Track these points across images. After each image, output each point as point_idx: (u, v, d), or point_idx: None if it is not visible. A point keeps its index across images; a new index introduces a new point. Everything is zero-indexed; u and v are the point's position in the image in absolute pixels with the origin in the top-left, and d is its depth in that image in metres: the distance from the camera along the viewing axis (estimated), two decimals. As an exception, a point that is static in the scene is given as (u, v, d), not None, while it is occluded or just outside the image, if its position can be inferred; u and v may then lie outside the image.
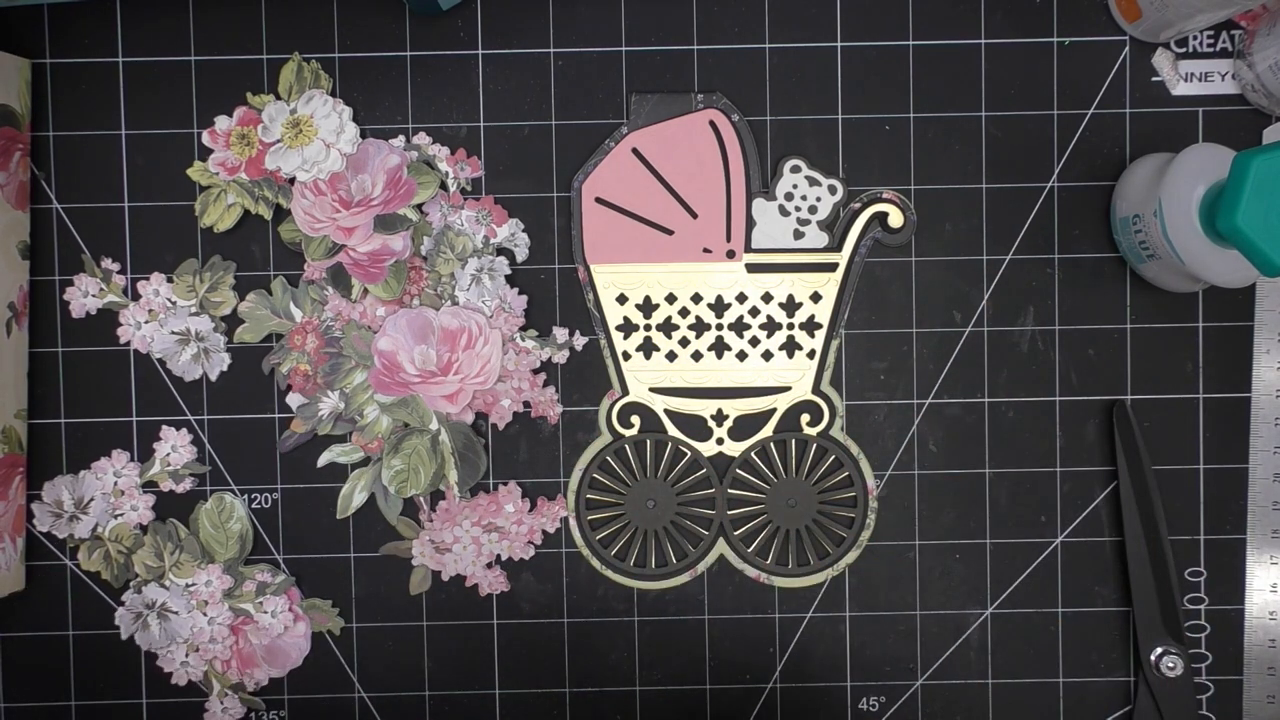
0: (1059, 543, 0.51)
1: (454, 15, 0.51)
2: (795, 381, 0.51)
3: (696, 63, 0.51)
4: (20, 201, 0.50)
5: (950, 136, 0.51)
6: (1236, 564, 0.51)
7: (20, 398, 0.50)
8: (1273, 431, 0.51)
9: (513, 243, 0.51)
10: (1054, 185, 0.51)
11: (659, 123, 0.50)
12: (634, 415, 0.51)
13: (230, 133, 0.50)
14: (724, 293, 0.51)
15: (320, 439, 0.51)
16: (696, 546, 0.51)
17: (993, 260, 0.51)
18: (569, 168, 0.51)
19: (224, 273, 0.50)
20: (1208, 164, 0.44)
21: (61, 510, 0.50)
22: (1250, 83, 0.50)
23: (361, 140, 0.50)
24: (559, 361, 0.51)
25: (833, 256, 0.51)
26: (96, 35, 0.51)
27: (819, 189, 0.51)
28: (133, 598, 0.51)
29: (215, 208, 0.50)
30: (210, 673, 0.51)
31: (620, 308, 0.51)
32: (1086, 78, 0.51)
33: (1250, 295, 0.51)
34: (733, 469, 0.51)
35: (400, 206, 0.49)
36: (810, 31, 0.51)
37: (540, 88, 0.51)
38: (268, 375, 0.51)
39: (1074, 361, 0.51)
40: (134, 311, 0.50)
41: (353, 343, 0.50)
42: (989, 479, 0.51)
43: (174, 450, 0.51)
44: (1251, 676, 0.51)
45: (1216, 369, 0.51)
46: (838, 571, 0.51)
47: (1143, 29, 0.49)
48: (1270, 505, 0.51)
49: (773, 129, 0.51)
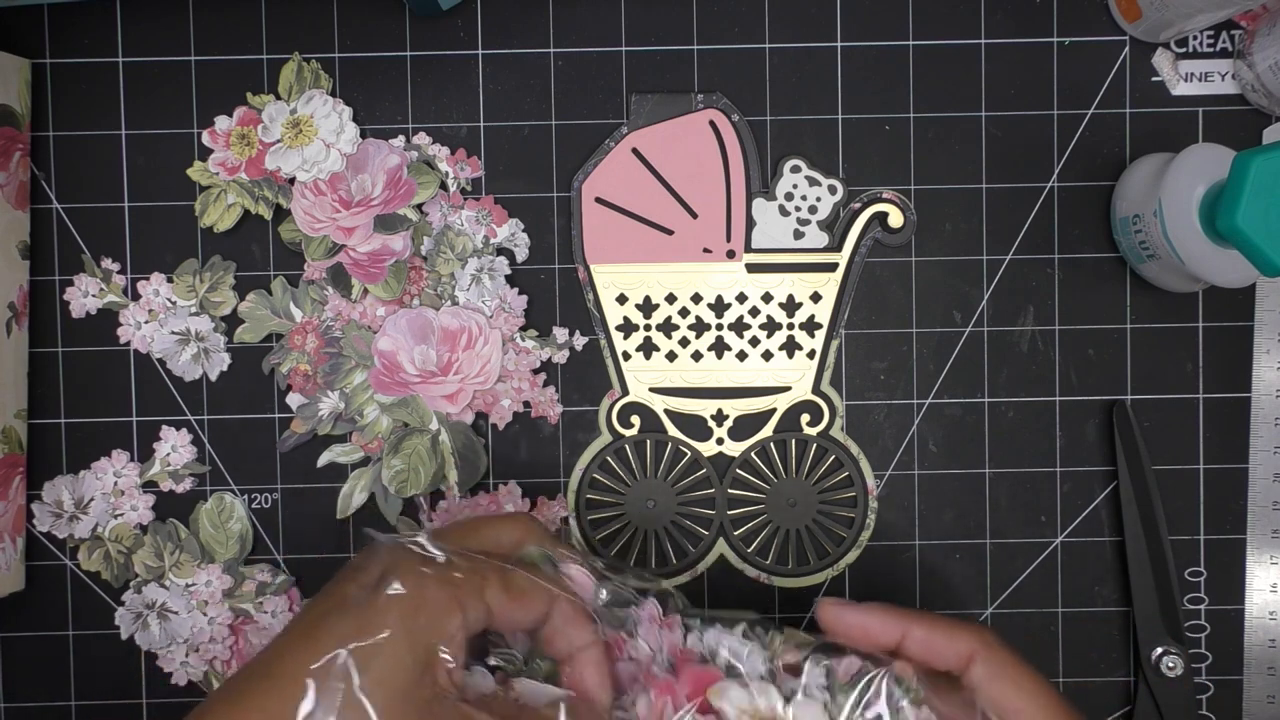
0: (1059, 543, 0.51)
1: (454, 15, 0.51)
2: (795, 381, 0.51)
3: (696, 63, 0.51)
4: (20, 201, 0.50)
5: (950, 136, 0.51)
6: (1236, 564, 0.51)
7: (20, 398, 0.50)
8: (1273, 431, 0.51)
9: (513, 243, 0.50)
10: (1054, 185, 0.51)
11: (659, 123, 0.50)
12: (634, 415, 0.51)
13: (230, 133, 0.50)
14: (724, 293, 0.51)
15: (320, 439, 0.51)
16: (696, 546, 0.51)
17: (993, 260, 0.51)
18: (569, 168, 0.51)
19: (224, 273, 0.50)
20: (1208, 164, 0.44)
21: (61, 510, 0.50)
22: (1250, 83, 0.50)
23: (361, 140, 0.50)
24: (559, 361, 0.51)
25: (833, 256, 0.51)
26: (96, 35, 0.51)
27: (819, 189, 0.51)
28: (133, 598, 0.51)
29: (215, 208, 0.50)
30: (210, 673, 0.51)
31: (620, 308, 0.51)
32: (1086, 78, 0.51)
33: (1250, 295, 0.51)
34: (733, 469, 0.51)
35: (400, 206, 0.49)
36: (810, 31, 0.51)
37: (540, 88, 0.51)
38: (268, 375, 0.51)
39: (1074, 361, 0.51)
40: (134, 311, 0.50)
41: (353, 343, 0.50)
42: (989, 479, 0.51)
43: (174, 450, 0.51)
44: (1251, 676, 0.51)
45: (1216, 369, 0.51)
46: (838, 571, 0.51)
47: (1143, 29, 0.49)
48: (1270, 505, 0.51)
49: (773, 129, 0.51)
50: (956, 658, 0.36)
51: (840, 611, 0.38)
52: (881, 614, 0.37)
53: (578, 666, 0.37)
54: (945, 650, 0.36)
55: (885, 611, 0.38)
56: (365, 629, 0.34)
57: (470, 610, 0.35)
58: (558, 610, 0.37)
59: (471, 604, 0.35)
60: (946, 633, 0.37)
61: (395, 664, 0.33)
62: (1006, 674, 0.36)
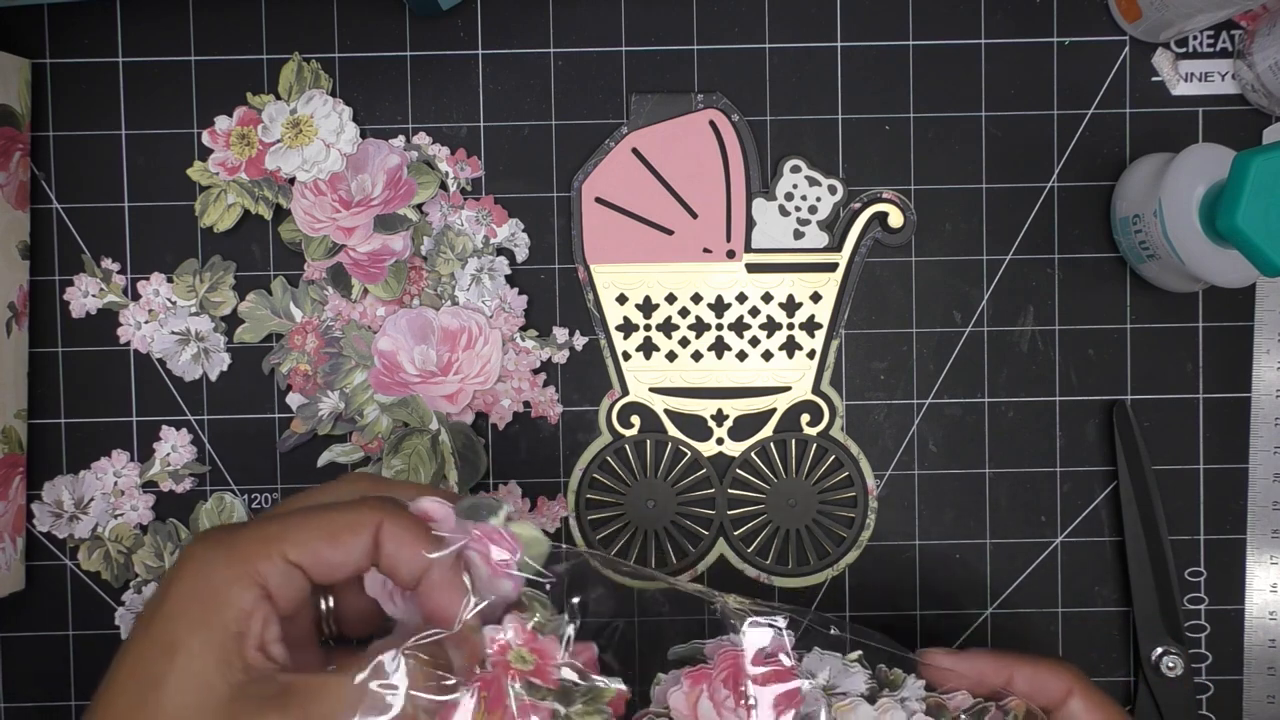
0: (1059, 543, 0.51)
1: (454, 15, 0.51)
2: (795, 381, 0.51)
3: (696, 63, 0.51)
4: (20, 201, 0.50)
5: (950, 136, 0.51)
6: (1236, 564, 0.51)
7: (20, 398, 0.50)
8: (1273, 431, 0.51)
9: (513, 243, 0.51)
10: (1054, 185, 0.51)
11: (659, 123, 0.50)
12: (634, 415, 0.51)
13: (230, 133, 0.50)
14: (724, 293, 0.51)
15: (320, 439, 0.51)
16: (696, 546, 0.51)
17: (993, 260, 0.51)
18: (569, 168, 0.51)
19: (224, 273, 0.50)
20: (1208, 164, 0.44)
21: (61, 510, 0.50)
22: (1250, 83, 0.50)
23: (361, 140, 0.50)
24: (559, 361, 0.51)
25: (833, 256, 0.51)
26: (96, 35, 0.51)
27: (819, 189, 0.51)
28: (133, 598, 0.51)
29: (215, 208, 0.50)
30: (210, 673, 0.51)
31: (620, 308, 0.51)
32: (1086, 78, 0.51)
33: (1250, 295, 0.51)
34: (733, 469, 0.51)
35: (400, 206, 0.49)
36: (810, 31, 0.51)
37: (540, 88, 0.51)
38: (268, 375, 0.51)
39: (1074, 361, 0.51)
40: (134, 311, 0.50)
41: (353, 343, 0.50)
42: (989, 479, 0.51)
43: (174, 450, 0.51)
44: (1251, 676, 0.51)
45: (1216, 369, 0.51)
46: (838, 571, 0.51)
47: (1143, 29, 0.49)
48: (1270, 505, 0.51)
49: (773, 129, 0.51)
50: (1057, 693, 0.39)
51: (948, 660, 0.40)
52: (990, 658, 0.40)
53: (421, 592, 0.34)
54: (1049, 686, 0.39)
55: (991, 655, 0.40)
56: (150, 651, 0.32)
57: (272, 576, 0.32)
58: (384, 537, 0.33)
59: (272, 569, 0.32)
60: (1049, 670, 0.39)
61: (189, 674, 0.31)
62: (1102, 708, 0.39)
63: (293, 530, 0.33)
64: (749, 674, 0.36)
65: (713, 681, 0.37)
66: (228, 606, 0.32)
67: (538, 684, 0.34)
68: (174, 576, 0.33)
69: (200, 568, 0.32)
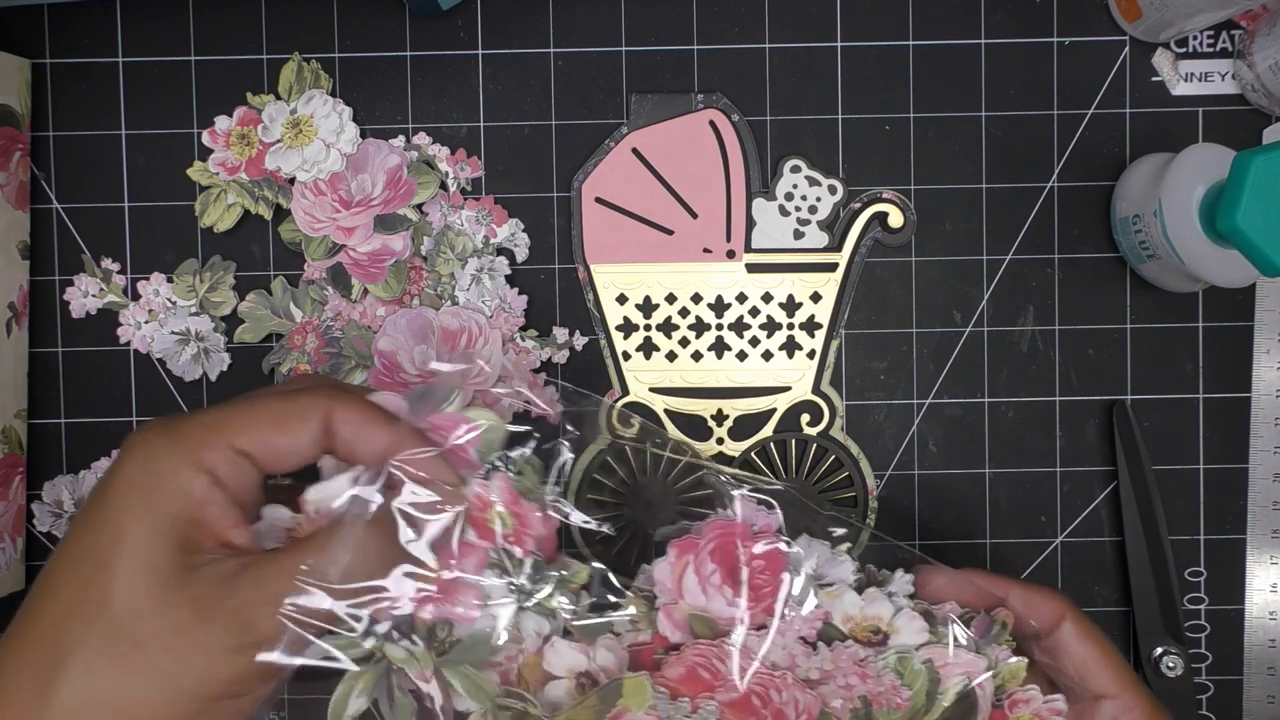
0: (1059, 543, 0.51)
1: (454, 15, 0.51)
2: (795, 381, 0.51)
3: (696, 63, 0.51)
4: (20, 201, 0.50)
5: (950, 136, 0.51)
6: (1236, 564, 0.51)
7: (20, 398, 0.50)
8: (1273, 431, 0.51)
9: (513, 243, 0.50)
10: (1054, 185, 0.51)
11: (659, 123, 0.50)
12: (634, 415, 0.51)
13: (230, 133, 0.50)
14: (724, 293, 0.51)
15: (320, 439, 0.51)
16: (696, 546, 0.51)
17: (993, 260, 0.51)
18: (569, 168, 0.51)
19: (224, 273, 0.50)
20: (1208, 164, 0.44)
21: (61, 510, 0.50)
22: (1250, 83, 0.50)
23: (361, 140, 0.50)
24: (559, 361, 0.51)
25: (833, 256, 0.51)
26: (96, 35, 0.51)
27: (819, 189, 0.51)
28: (133, 598, 0.51)
29: (215, 208, 0.50)
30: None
31: (620, 308, 0.51)
32: (1086, 78, 0.51)
33: (1250, 295, 0.51)
34: (733, 469, 0.51)
35: (400, 206, 0.49)
36: (810, 31, 0.51)
37: (540, 88, 0.51)
38: (268, 375, 0.51)
39: (1074, 361, 0.51)
40: (134, 311, 0.50)
41: (353, 343, 0.50)
42: (989, 479, 0.51)
43: (174, 450, 0.51)
44: (1251, 676, 0.51)
45: (1216, 369, 0.51)
46: (838, 571, 0.51)
47: (1143, 29, 0.49)
48: (1270, 505, 0.51)
49: (773, 129, 0.51)
50: (1049, 617, 0.39)
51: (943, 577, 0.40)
52: (985, 578, 0.40)
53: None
54: (1042, 608, 0.39)
55: (986, 576, 0.40)
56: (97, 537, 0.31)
57: (220, 465, 0.31)
58: (338, 422, 0.33)
59: (219, 458, 0.31)
60: (1042, 596, 0.39)
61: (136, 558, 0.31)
62: (1090, 635, 0.39)
63: (240, 417, 0.32)
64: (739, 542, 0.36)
65: (699, 553, 0.37)
66: (174, 494, 0.31)
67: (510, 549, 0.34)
68: (118, 464, 0.32)
69: (144, 456, 0.32)
